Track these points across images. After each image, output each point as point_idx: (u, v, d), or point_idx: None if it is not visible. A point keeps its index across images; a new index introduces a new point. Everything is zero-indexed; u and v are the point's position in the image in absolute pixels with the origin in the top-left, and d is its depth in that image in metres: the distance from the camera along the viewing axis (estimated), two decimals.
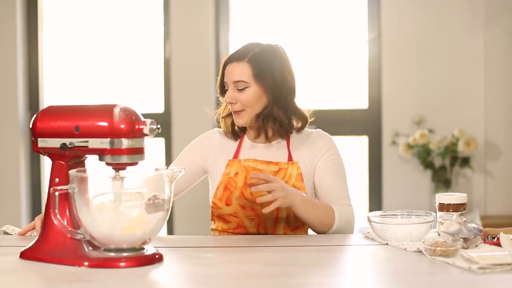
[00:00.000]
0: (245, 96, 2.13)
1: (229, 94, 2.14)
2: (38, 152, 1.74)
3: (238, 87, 2.13)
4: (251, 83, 2.13)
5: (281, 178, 2.14)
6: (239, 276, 1.55)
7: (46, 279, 1.55)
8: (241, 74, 2.13)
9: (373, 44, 4.04)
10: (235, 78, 2.13)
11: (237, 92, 2.13)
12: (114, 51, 4.37)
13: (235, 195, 2.14)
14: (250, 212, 2.14)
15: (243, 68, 2.13)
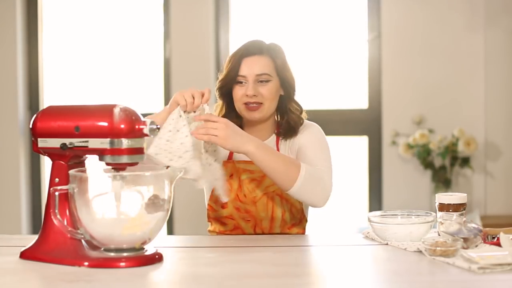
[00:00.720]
0: (268, 89, 2.11)
1: (251, 86, 2.10)
2: (38, 152, 1.74)
3: (261, 79, 2.11)
4: (273, 76, 2.12)
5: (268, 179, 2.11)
6: (239, 276, 1.55)
7: (46, 279, 1.55)
8: (264, 66, 2.12)
9: (373, 44, 4.04)
10: (259, 71, 2.11)
11: (259, 85, 2.11)
12: (114, 51, 4.37)
13: (230, 198, 2.13)
14: (245, 214, 2.14)
15: (266, 61, 2.13)
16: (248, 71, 2.11)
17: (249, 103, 2.11)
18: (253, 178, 2.14)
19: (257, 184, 2.13)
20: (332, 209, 4.23)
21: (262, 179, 2.13)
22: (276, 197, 2.13)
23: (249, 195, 2.13)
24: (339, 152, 4.24)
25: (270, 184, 2.13)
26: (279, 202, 2.13)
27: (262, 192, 2.13)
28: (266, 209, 2.13)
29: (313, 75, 4.19)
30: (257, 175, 2.13)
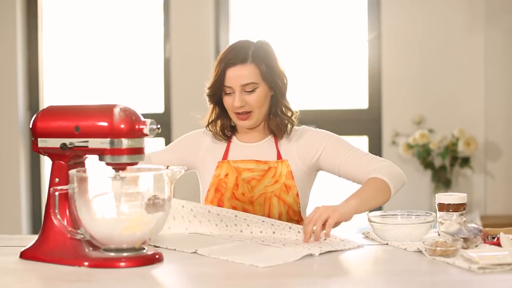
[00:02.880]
0: (255, 97, 2.11)
1: (237, 97, 2.10)
2: (38, 152, 1.74)
3: (247, 89, 2.10)
4: (260, 83, 2.11)
5: (271, 177, 2.13)
6: (239, 276, 1.55)
7: (46, 279, 1.55)
8: (249, 76, 2.10)
9: (373, 44, 4.04)
10: (243, 81, 2.10)
11: (245, 94, 2.11)
12: (114, 51, 4.37)
13: (226, 197, 2.14)
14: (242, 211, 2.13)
15: (250, 69, 2.11)
16: (233, 82, 2.10)
17: (238, 113, 2.12)
18: (252, 177, 2.14)
19: (255, 183, 2.13)
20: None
21: (262, 178, 2.13)
22: (274, 198, 2.12)
23: (247, 194, 2.13)
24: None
25: (269, 184, 2.13)
26: (276, 203, 2.12)
27: (260, 192, 2.13)
28: (263, 209, 2.12)
29: (313, 75, 4.19)
30: (257, 174, 2.14)
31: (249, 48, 2.14)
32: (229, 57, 2.13)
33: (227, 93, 2.13)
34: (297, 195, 2.13)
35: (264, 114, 2.15)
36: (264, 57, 2.14)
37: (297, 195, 2.13)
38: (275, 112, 2.16)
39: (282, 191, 2.13)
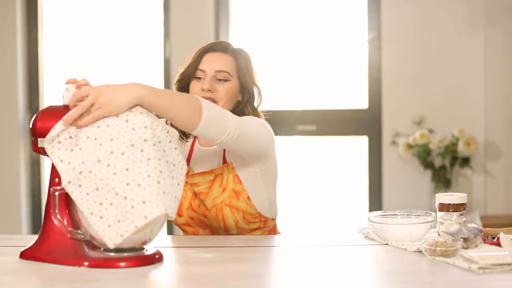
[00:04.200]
0: (225, 88, 2.06)
1: (208, 81, 2.05)
2: (38, 152, 1.74)
3: (219, 77, 2.06)
4: (233, 77, 2.08)
5: (218, 185, 2.04)
6: (238, 276, 1.55)
7: (46, 279, 1.55)
8: (226, 64, 2.07)
9: (373, 44, 4.04)
10: (218, 67, 2.06)
11: (216, 82, 2.06)
12: (114, 51, 4.37)
13: (184, 206, 2.07)
14: (200, 222, 2.09)
15: (228, 59, 2.08)
16: (208, 66, 2.08)
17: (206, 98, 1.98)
18: (200, 191, 2.06)
19: (204, 197, 2.06)
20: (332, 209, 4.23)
21: (209, 190, 2.05)
22: (225, 208, 2.04)
23: (201, 206, 2.06)
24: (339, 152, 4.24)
25: (218, 195, 2.04)
26: (228, 212, 2.04)
27: (210, 205, 2.05)
28: (217, 220, 2.06)
29: (313, 75, 4.19)
30: (204, 187, 2.06)
31: (231, 45, 2.13)
32: (210, 45, 2.12)
33: (198, 77, 2.08)
34: (249, 198, 2.04)
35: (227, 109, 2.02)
36: (245, 57, 2.12)
37: (248, 198, 2.04)
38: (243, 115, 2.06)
39: (232, 198, 2.04)
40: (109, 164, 1.55)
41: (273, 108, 3.10)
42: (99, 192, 1.56)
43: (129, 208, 1.52)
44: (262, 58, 4.12)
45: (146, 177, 1.53)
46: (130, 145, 1.56)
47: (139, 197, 1.52)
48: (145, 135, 1.57)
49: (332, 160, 4.23)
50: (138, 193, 1.52)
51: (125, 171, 1.54)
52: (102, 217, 1.56)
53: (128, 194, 1.53)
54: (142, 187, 1.53)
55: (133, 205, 1.52)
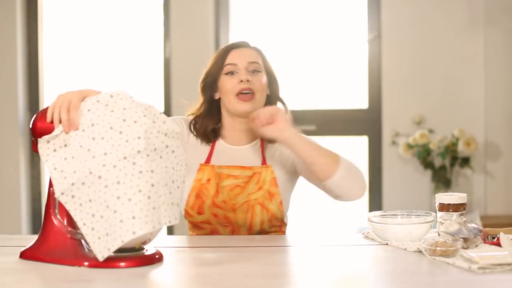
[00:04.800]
0: (259, 79, 2.06)
1: (243, 72, 2.05)
2: (38, 152, 1.74)
3: (252, 68, 2.06)
4: (262, 69, 2.09)
5: (255, 183, 2.05)
6: (239, 276, 1.55)
7: (46, 279, 1.55)
8: (255, 56, 2.09)
9: (373, 44, 4.04)
10: (251, 59, 2.07)
11: (251, 74, 2.06)
12: (114, 51, 4.37)
13: (207, 204, 2.05)
14: (223, 219, 2.07)
15: (254, 52, 2.11)
16: (238, 58, 2.07)
17: (242, 92, 2.03)
18: (236, 185, 2.06)
19: (239, 190, 2.05)
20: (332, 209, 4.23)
21: (246, 185, 2.06)
22: (257, 206, 2.04)
23: (229, 201, 2.04)
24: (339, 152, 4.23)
25: (253, 191, 2.05)
26: (259, 211, 2.04)
27: (244, 199, 2.05)
28: (245, 218, 2.05)
29: (313, 75, 4.19)
30: (241, 181, 2.06)
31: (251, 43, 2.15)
32: (232, 44, 2.13)
33: (229, 72, 2.07)
34: (281, 203, 2.06)
35: (262, 103, 2.08)
36: (264, 53, 2.14)
37: (281, 203, 2.06)
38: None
39: (265, 198, 2.05)
40: (101, 176, 1.55)
41: None
42: (92, 203, 1.57)
43: (117, 222, 1.53)
44: None
45: (137, 192, 1.53)
46: (122, 158, 1.55)
47: (129, 212, 1.52)
48: (138, 146, 1.56)
49: None
50: (128, 208, 1.52)
51: (116, 184, 1.54)
52: (93, 229, 1.57)
53: (118, 208, 1.53)
54: (133, 202, 1.53)
55: (122, 219, 1.53)
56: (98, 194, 1.55)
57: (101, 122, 1.60)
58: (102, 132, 1.59)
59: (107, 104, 1.61)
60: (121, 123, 1.58)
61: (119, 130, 1.58)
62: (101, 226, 1.56)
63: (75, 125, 1.62)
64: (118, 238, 1.53)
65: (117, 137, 1.57)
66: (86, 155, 1.58)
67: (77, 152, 1.60)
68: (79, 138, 1.61)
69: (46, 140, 1.64)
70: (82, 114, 1.62)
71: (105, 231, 1.55)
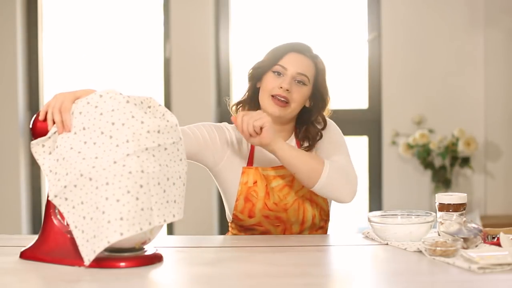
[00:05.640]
0: (301, 92, 2.05)
1: (288, 80, 2.03)
2: None
3: (298, 79, 2.05)
4: (309, 83, 2.08)
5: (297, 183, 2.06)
6: (239, 276, 1.55)
7: (46, 279, 1.55)
8: (307, 68, 2.07)
9: (373, 44, 4.04)
10: (301, 70, 2.05)
11: (294, 84, 2.04)
12: (114, 51, 4.37)
13: (258, 207, 2.04)
14: (275, 220, 2.07)
15: (310, 63, 2.08)
16: (291, 65, 2.05)
17: (277, 97, 2.03)
18: (284, 184, 2.07)
19: (288, 190, 2.06)
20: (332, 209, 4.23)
21: (292, 183, 2.06)
22: (306, 201, 2.07)
23: (280, 202, 2.05)
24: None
25: (300, 188, 2.06)
26: (309, 206, 2.07)
27: (294, 198, 2.06)
28: (297, 214, 2.06)
29: None
30: (287, 180, 2.06)
31: (313, 49, 2.14)
32: (294, 45, 2.10)
33: (277, 72, 2.05)
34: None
35: (295, 114, 2.08)
36: (321, 64, 2.13)
37: None
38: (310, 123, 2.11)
39: (312, 193, 2.06)
40: (91, 178, 1.56)
41: None
42: (83, 206, 1.57)
43: (105, 223, 1.53)
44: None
45: (126, 193, 1.54)
46: (112, 163, 1.55)
47: (117, 213, 1.53)
48: (128, 149, 1.56)
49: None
50: (116, 208, 1.53)
51: (106, 185, 1.54)
52: (83, 231, 1.58)
53: (107, 209, 1.53)
54: (121, 203, 1.53)
55: (110, 220, 1.53)
56: (90, 196, 1.56)
57: (92, 126, 1.60)
58: (94, 137, 1.59)
59: (96, 106, 1.61)
60: (110, 126, 1.58)
61: (109, 135, 1.58)
62: (90, 228, 1.56)
63: (67, 127, 1.63)
64: (104, 239, 1.53)
65: (108, 142, 1.57)
66: (76, 157, 1.59)
67: (67, 153, 1.61)
68: (70, 140, 1.61)
69: (41, 144, 1.65)
70: (74, 117, 1.63)
71: (93, 233, 1.55)
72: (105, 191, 1.54)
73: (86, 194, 1.56)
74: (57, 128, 1.64)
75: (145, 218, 1.56)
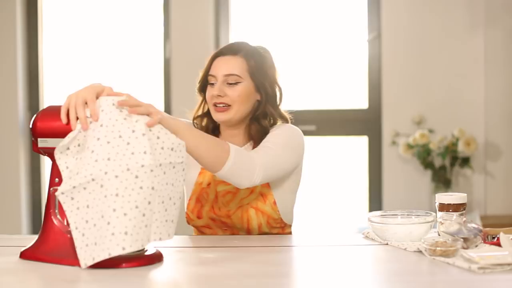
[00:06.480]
0: (236, 91, 2.02)
1: (217, 87, 2.03)
2: (38, 152, 1.74)
3: (229, 81, 2.03)
4: (244, 78, 2.04)
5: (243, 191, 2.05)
6: (239, 276, 1.55)
7: (46, 279, 1.55)
8: (234, 67, 2.04)
9: (373, 44, 4.04)
10: (227, 71, 2.03)
11: (226, 86, 2.03)
12: (114, 51, 4.37)
13: (205, 209, 2.07)
14: (221, 224, 2.09)
15: (238, 62, 2.05)
16: (216, 70, 2.05)
17: (216, 104, 2.03)
18: (228, 191, 2.06)
19: (231, 197, 2.06)
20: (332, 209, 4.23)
21: (237, 191, 2.06)
22: (251, 210, 2.05)
23: (223, 208, 2.06)
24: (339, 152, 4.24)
25: (245, 196, 2.05)
26: (254, 215, 2.05)
27: (237, 205, 2.05)
28: (241, 222, 2.06)
29: (313, 75, 4.19)
30: (232, 187, 2.05)
31: (245, 47, 2.10)
32: (220, 49, 2.10)
33: (211, 83, 2.07)
34: (275, 203, 2.05)
35: (243, 113, 2.04)
36: (257, 56, 2.08)
37: (274, 203, 2.05)
38: (257, 117, 2.07)
39: (258, 201, 2.05)
40: (103, 185, 1.55)
41: None
42: (88, 210, 1.57)
43: (109, 234, 1.53)
44: None
45: (134, 208, 1.53)
46: (125, 169, 1.55)
47: (122, 227, 1.52)
48: (143, 161, 1.55)
49: (332, 160, 4.22)
50: (123, 222, 1.52)
51: (115, 196, 1.53)
52: (84, 235, 1.57)
53: (113, 220, 1.53)
54: (127, 218, 1.53)
55: (114, 232, 1.52)
56: (97, 202, 1.55)
57: (112, 127, 1.59)
58: (109, 136, 1.58)
59: (121, 110, 1.62)
60: (130, 133, 1.58)
61: (127, 141, 1.57)
62: (92, 234, 1.56)
63: (95, 116, 1.61)
64: (106, 250, 1.53)
65: (124, 147, 1.56)
66: (89, 158, 1.58)
67: (83, 152, 1.60)
68: (88, 138, 1.60)
69: (66, 146, 1.62)
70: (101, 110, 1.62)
71: (94, 240, 1.55)
72: (114, 202, 1.53)
73: (94, 199, 1.56)
74: (82, 124, 1.61)
75: (147, 235, 1.56)
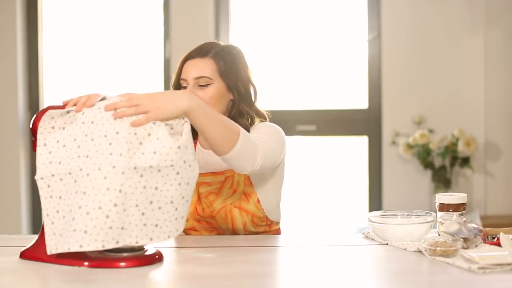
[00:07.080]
0: (208, 93, 2.00)
1: (189, 90, 2.00)
2: None
3: (200, 83, 2.01)
4: (215, 80, 2.02)
5: (229, 187, 2.05)
6: (239, 276, 1.55)
7: (46, 279, 1.55)
8: (204, 70, 2.01)
9: (373, 44, 4.04)
10: (196, 74, 2.01)
11: (198, 89, 2.01)
12: (114, 51, 4.37)
13: (189, 211, 2.05)
14: (207, 225, 2.09)
15: (207, 63, 2.02)
16: (187, 74, 2.03)
17: None
18: (210, 192, 2.06)
19: (214, 197, 2.06)
20: (332, 209, 4.23)
21: (219, 191, 2.06)
22: (235, 210, 2.05)
23: (206, 209, 2.06)
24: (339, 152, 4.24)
25: (228, 196, 2.05)
26: (238, 214, 2.05)
27: (220, 205, 2.05)
28: (226, 222, 2.06)
29: (313, 75, 4.19)
30: (214, 188, 2.06)
31: (215, 47, 2.07)
32: (191, 52, 2.07)
33: (183, 86, 2.05)
34: (258, 201, 2.05)
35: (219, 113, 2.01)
36: (227, 56, 2.05)
37: (258, 201, 2.05)
38: (234, 117, 2.04)
39: (242, 200, 2.05)
40: (76, 181, 1.56)
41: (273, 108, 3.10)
42: (60, 201, 1.59)
43: (71, 230, 1.54)
44: (262, 58, 4.12)
45: (97, 208, 1.53)
46: (97, 169, 1.54)
47: (83, 225, 1.53)
48: (117, 162, 1.54)
49: (332, 160, 4.23)
50: (84, 220, 1.53)
51: (83, 194, 1.54)
52: (53, 223, 1.60)
53: (77, 216, 1.54)
54: (89, 217, 1.53)
55: (76, 229, 1.54)
56: (68, 196, 1.57)
57: (101, 125, 1.58)
58: (95, 134, 1.57)
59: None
60: (114, 134, 1.56)
61: (110, 141, 1.56)
62: (60, 224, 1.58)
63: (90, 102, 1.59)
64: (66, 244, 1.55)
65: (105, 147, 1.55)
66: (74, 152, 1.59)
67: (70, 143, 1.60)
68: (77, 130, 1.60)
69: (51, 116, 1.63)
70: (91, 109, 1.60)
71: (61, 231, 1.58)
72: (81, 200, 1.54)
73: (66, 192, 1.58)
74: (77, 107, 1.60)
75: (112, 237, 1.54)
